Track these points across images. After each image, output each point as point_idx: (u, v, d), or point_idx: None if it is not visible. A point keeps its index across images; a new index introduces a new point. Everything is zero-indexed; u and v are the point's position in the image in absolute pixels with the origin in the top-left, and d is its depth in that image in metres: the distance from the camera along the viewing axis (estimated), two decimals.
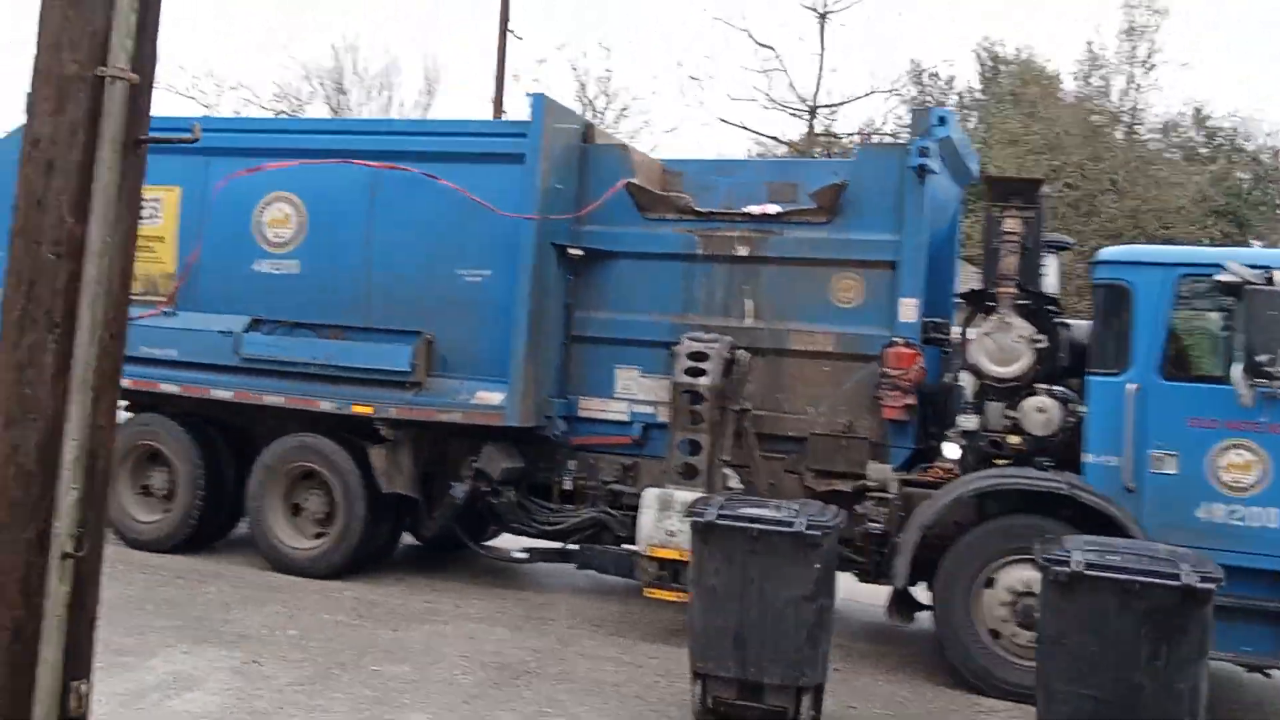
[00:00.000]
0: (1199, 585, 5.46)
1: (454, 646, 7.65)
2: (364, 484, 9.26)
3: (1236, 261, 7.14)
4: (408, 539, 10.55)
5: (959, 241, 9.89)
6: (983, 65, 29.28)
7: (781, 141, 28.97)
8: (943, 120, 8.37)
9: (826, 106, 28.59)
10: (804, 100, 28.38)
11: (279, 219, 9.49)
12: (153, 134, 3.51)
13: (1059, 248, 8.67)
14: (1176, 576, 5.50)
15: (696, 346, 8.46)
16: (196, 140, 3.94)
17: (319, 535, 9.51)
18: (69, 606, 3.28)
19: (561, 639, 8.15)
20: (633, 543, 8.80)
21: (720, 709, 6.34)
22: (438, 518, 9.60)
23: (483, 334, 9.06)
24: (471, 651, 7.55)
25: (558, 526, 9.29)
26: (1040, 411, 7.81)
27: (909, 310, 8.35)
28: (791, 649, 6.17)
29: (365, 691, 6.49)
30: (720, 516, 6.30)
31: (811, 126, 28.41)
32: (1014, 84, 28.81)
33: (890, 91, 29.03)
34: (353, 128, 10.21)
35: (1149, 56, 28.83)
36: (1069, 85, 29.21)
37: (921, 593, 8.24)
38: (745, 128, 29.38)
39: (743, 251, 8.88)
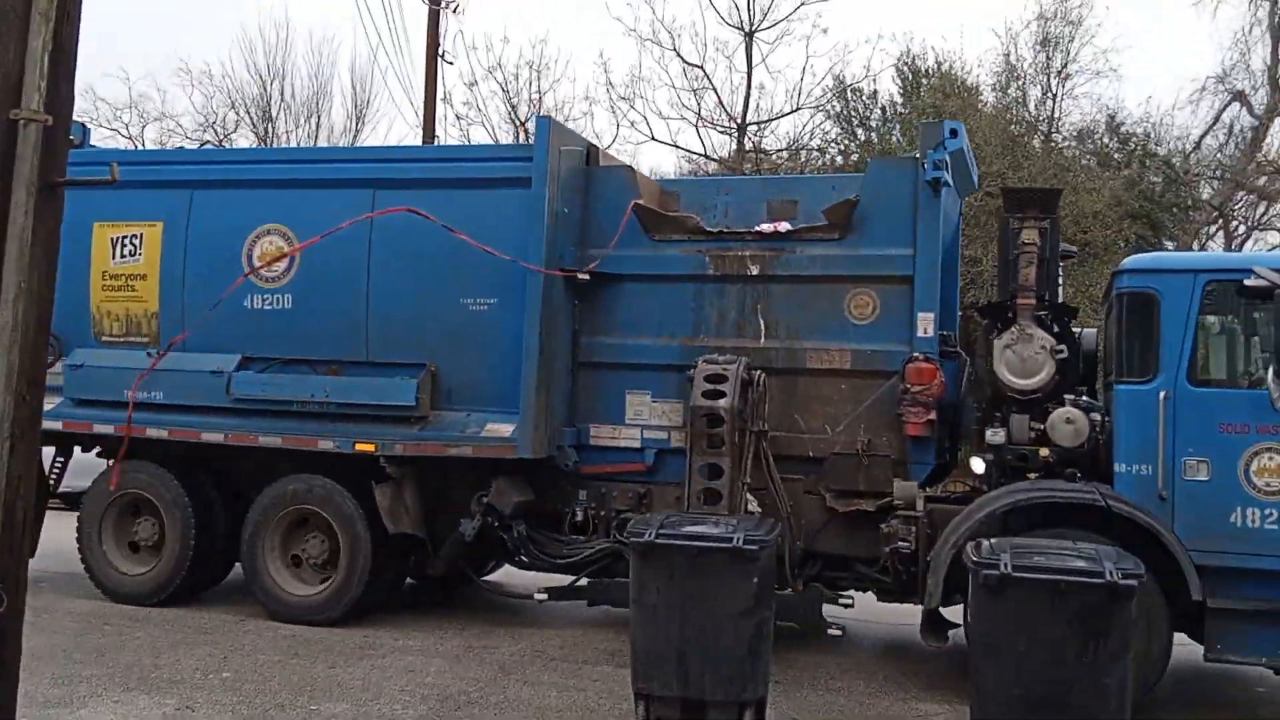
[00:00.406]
0: (1122, 582, 5.63)
1: (393, 681, 7.50)
2: (368, 524, 8.90)
3: (1265, 266, 7.23)
4: None
5: (959, 253, 9.92)
6: (904, 80, 29.70)
7: (711, 159, 29.04)
8: (954, 133, 8.35)
9: (754, 124, 28.75)
10: (732, 118, 28.50)
11: (270, 252, 9.11)
12: (73, 174, 3.47)
13: (1064, 257, 8.73)
14: (1101, 575, 5.65)
15: (714, 369, 8.33)
16: (114, 181, 3.83)
17: (321, 580, 9.13)
18: None
19: (503, 667, 8.00)
20: None
21: None
22: (444, 556, 9.28)
23: (489, 364, 8.82)
24: (411, 685, 7.40)
25: (571, 559, 9.04)
26: (1069, 423, 7.79)
27: (927, 325, 8.32)
28: (733, 665, 6.21)
29: None
30: (659, 535, 6.32)
31: (741, 144, 28.53)
32: (935, 98, 29.23)
33: (816, 107, 29.26)
34: (348, 156, 9.85)
35: (1064, 67, 29.59)
36: (988, 97, 29.80)
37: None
38: (676, 145, 29.32)
39: (754, 270, 8.77)
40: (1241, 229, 30.17)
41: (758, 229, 8.82)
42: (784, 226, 8.80)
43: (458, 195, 8.86)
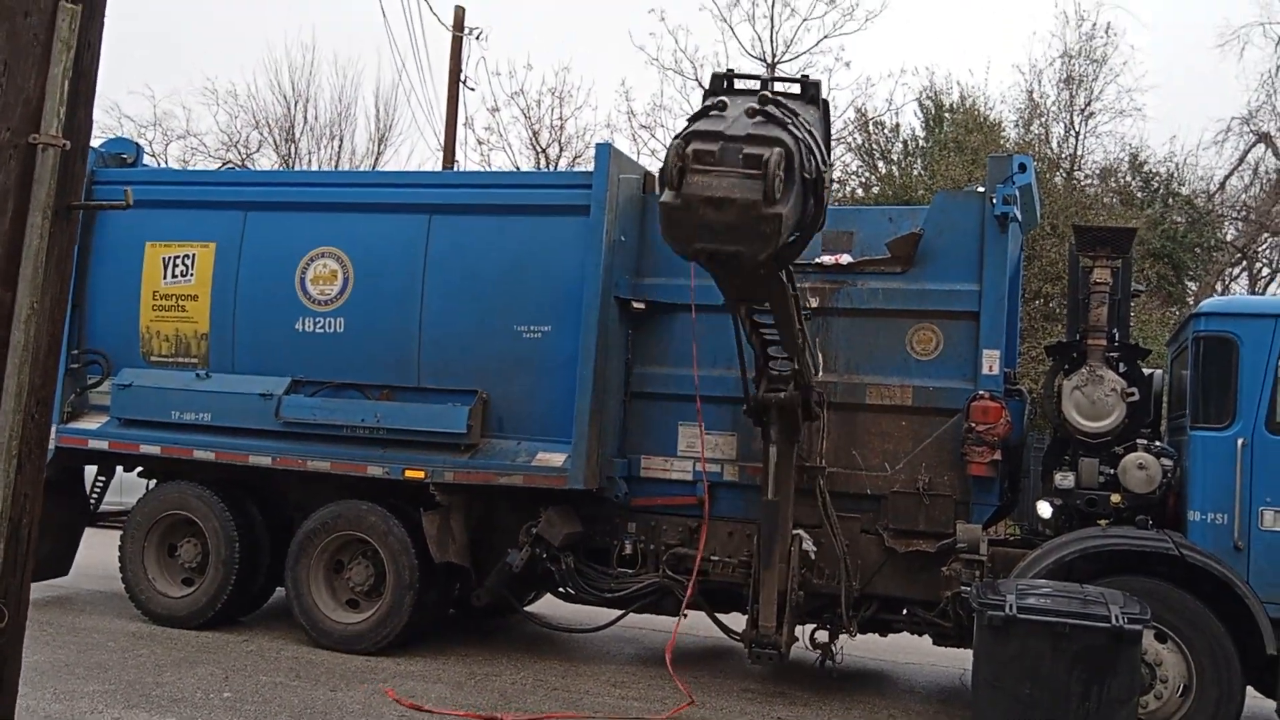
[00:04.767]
0: (1127, 626, 5.65)
1: (393, 707, 7.35)
2: (415, 552, 8.73)
3: None
4: None
5: (1020, 288, 9.78)
6: (927, 113, 29.72)
7: None
8: (1023, 167, 8.21)
9: None
10: None
11: (324, 275, 9.00)
12: (95, 197, 3.64)
13: (1132, 295, 8.58)
14: (1107, 618, 5.66)
15: None
16: (129, 206, 3.88)
17: (364, 607, 8.98)
18: None
19: (505, 695, 7.91)
20: (695, 609, 8.50)
21: None
22: (490, 586, 9.11)
23: (541, 392, 8.68)
24: (411, 711, 7.28)
25: (619, 593, 8.87)
26: (1141, 468, 7.63)
27: (992, 362, 8.16)
28: None
29: None
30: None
31: None
32: (958, 132, 29.23)
33: (837, 139, 29.22)
34: (404, 180, 9.71)
35: (1087, 105, 29.58)
36: (1010, 133, 29.76)
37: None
38: None
39: (814, 303, 8.62)
40: (1266, 271, 30.07)
41: (818, 260, 8.67)
42: (845, 259, 8.66)
43: (514, 222, 8.77)
